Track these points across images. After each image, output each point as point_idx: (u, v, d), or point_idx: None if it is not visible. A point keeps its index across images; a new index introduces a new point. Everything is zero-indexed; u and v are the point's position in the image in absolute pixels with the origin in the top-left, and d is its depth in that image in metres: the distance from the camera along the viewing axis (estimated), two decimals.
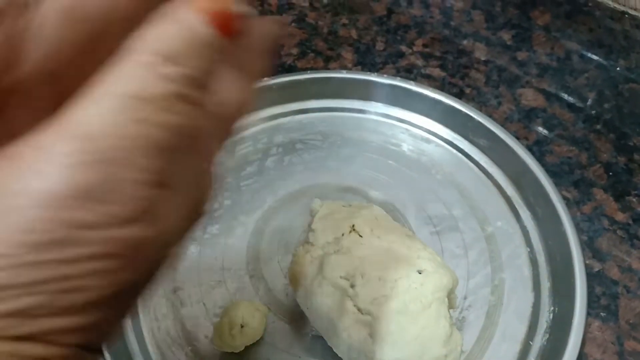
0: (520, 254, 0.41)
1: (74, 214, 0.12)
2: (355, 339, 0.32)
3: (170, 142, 0.13)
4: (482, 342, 0.36)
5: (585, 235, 0.42)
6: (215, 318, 0.37)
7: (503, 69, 0.54)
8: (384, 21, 0.59)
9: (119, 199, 0.13)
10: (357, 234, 0.35)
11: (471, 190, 0.44)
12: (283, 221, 0.43)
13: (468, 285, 0.39)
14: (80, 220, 0.12)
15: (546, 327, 0.37)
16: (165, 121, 0.13)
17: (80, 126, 0.13)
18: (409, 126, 0.49)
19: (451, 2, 0.61)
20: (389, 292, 0.32)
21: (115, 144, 0.13)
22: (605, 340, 0.37)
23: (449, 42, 0.57)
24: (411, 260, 0.33)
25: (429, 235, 0.41)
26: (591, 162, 0.47)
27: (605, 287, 0.39)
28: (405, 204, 0.43)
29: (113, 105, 0.13)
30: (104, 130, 0.13)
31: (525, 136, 0.48)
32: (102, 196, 0.12)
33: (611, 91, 0.52)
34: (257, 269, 0.40)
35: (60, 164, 0.12)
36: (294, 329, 0.37)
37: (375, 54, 0.56)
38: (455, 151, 0.47)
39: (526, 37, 0.57)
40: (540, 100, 0.51)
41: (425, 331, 0.31)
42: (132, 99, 0.13)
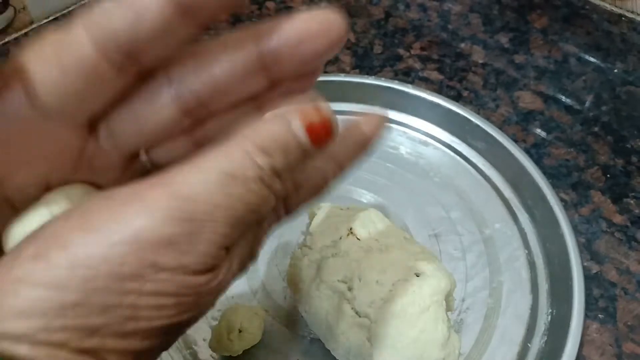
0: (519, 256, 0.41)
1: (156, 256, 0.15)
2: (353, 343, 0.32)
3: (246, 215, 0.16)
4: (480, 345, 0.36)
5: (583, 238, 0.42)
6: (213, 321, 0.37)
7: (501, 72, 0.54)
8: (381, 24, 0.59)
9: (194, 252, 0.15)
10: (355, 237, 0.35)
11: (469, 193, 0.45)
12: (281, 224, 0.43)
13: (466, 288, 0.39)
14: (160, 262, 0.15)
15: (544, 329, 0.37)
16: (246, 199, 0.16)
17: (181, 188, 0.15)
18: (406, 129, 0.49)
19: (449, 5, 0.61)
20: (387, 296, 0.32)
21: (204, 209, 0.15)
22: (604, 343, 0.37)
23: (446, 45, 0.57)
24: (409, 263, 0.33)
25: (427, 238, 0.42)
26: (589, 165, 0.47)
27: (604, 290, 0.39)
28: (403, 207, 0.43)
29: (211, 178, 0.16)
30: (198, 195, 0.15)
31: (523, 139, 0.48)
32: (182, 248, 0.15)
33: (609, 94, 0.52)
34: (255, 273, 0.40)
35: (157, 215, 0.15)
36: (292, 332, 0.37)
37: (373, 57, 0.56)
38: (453, 154, 0.47)
39: (524, 40, 0.57)
40: (538, 103, 0.51)
41: (423, 334, 0.31)
42: (226, 176, 0.16)
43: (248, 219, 0.16)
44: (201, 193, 0.15)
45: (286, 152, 0.16)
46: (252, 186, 0.16)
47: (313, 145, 0.17)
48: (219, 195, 0.15)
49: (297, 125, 0.17)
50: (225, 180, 0.15)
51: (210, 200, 0.15)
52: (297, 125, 0.17)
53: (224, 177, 0.16)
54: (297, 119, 0.17)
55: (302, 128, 0.17)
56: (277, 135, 0.16)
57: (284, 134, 0.16)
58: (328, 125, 0.17)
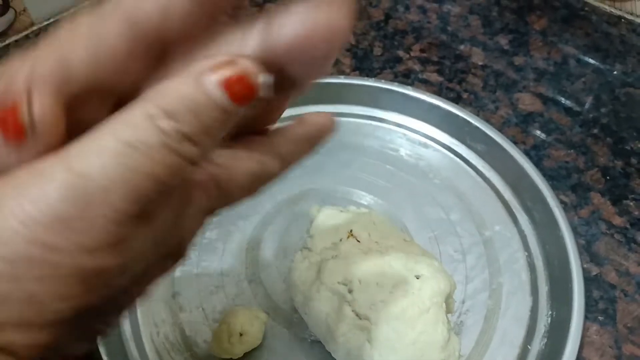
0: (518, 258, 0.41)
1: (48, 237, 0.14)
2: (353, 344, 0.32)
3: (150, 188, 0.15)
4: (480, 347, 0.36)
5: (583, 240, 0.42)
6: (214, 323, 0.37)
7: (500, 74, 0.54)
8: (381, 26, 0.59)
9: (90, 231, 0.14)
10: (355, 240, 0.35)
11: (469, 195, 0.45)
12: (281, 226, 0.43)
13: (466, 290, 0.39)
14: (52, 243, 0.14)
15: (544, 331, 0.37)
16: (148, 170, 0.14)
17: (75, 161, 0.14)
18: (406, 131, 0.49)
19: (448, 7, 0.61)
20: (387, 298, 0.32)
21: (99, 184, 0.14)
22: (603, 344, 0.37)
23: (446, 47, 0.57)
24: (409, 265, 0.33)
25: (427, 240, 0.42)
26: (588, 166, 0.47)
27: (603, 291, 0.39)
28: (403, 209, 0.44)
29: (108, 148, 0.14)
30: (92, 169, 0.14)
31: (523, 140, 0.48)
32: (76, 227, 0.14)
33: (608, 95, 0.52)
34: (255, 275, 0.40)
35: (50, 193, 0.14)
36: (293, 334, 0.37)
37: (373, 59, 0.56)
38: (453, 156, 0.47)
39: (523, 42, 0.58)
40: (538, 105, 0.52)
41: (423, 336, 0.31)
42: (124, 145, 0.14)
43: (154, 191, 0.15)
44: (95, 166, 0.14)
45: (198, 113, 0.15)
46: (155, 155, 0.14)
47: (233, 102, 0.15)
48: (116, 168, 0.14)
49: (208, 81, 0.15)
50: (123, 150, 0.14)
51: (105, 174, 0.14)
52: (209, 82, 0.15)
53: (121, 147, 0.14)
54: (208, 74, 0.15)
55: (215, 84, 0.15)
56: (184, 95, 0.15)
57: (192, 92, 0.15)
58: (246, 79, 0.15)
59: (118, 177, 0.14)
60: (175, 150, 0.15)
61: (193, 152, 0.15)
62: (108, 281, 0.15)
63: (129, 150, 0.14)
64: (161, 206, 0.16)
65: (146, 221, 0.16)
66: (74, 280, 0.14)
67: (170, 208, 0.17)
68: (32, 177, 0.14)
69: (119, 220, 0.14)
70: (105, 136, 0.14)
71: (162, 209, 0.16)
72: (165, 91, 0.15)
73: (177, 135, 0.14)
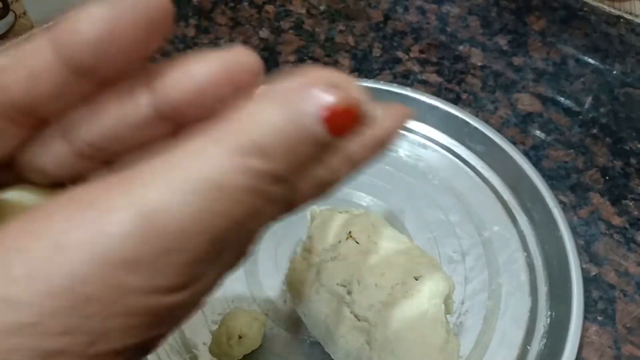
0: (517, 258, 0.41)
1: (122, 277, 0.13)
2: (352, 346, 0.32)
3: (230, 229, 0.13)
4: (480, 348, 0.37)
5: (582, 240, 0.42)
6: (213, 325, 0.37)
7: (499, 74, 0.54)
8: (380, 27, 0.59)
9: (165, 272, 0.13)
10: (354, 241, 0.35)
11: (468, 196, 0.45)
12: (281, 227, 0.43)
13: (465, 291, 0.39)
14: (125, 283, 0.13)
15: (543, 331, 0.37)
16: (231, 212, 0.13)
17: (149, 199, 0.13)
18: (405, 132, 0.49)
19: (447, 8, 0.61)
20: (386, 299, 0.32)
21: (176, 226, 0.13)
22: (603, 345, 0.37)
23: (445, 48, 0.57)
24: (408, 266, 0.33)
25: (426, 241, 0.42)
26: (587, 167, 0.47)
27: (602, 292, 0.39)
28: (402, 210, 0.44)
29: (185, 187, 0.12)
30: (170, 210, 0.12)
31: (522, 141, 0.48)
32: (150, 267, 0.13)
33: (607, 95, 0.52)
34: (254, 276, 0.40)
35: (117, 230, 0.12)
36: (292, 335, 0.37)
37: (372, 60, 0.56)
38: (452, 156, 0.47)
39: (522, 43, 0.58)
40: (537, 105, 0.52)
41: (422, 337, 0.31)
42: (206, 184, 0.12)
43: (233, 233, 0.13)
44: (173, 207, 0.12)
45: (293, 151, 0.13)
46: (242, 198, 0.13)
47: (333, 136, 0.13)
48: (197, 209, 0.12)
49: (308, 111, 0.12)
50: (202, 189, 0.12)
51: (182, 216, 0.12)
52: (308, 112, 0.12)
53: (201, 186, 0.12)
54: (310, 103, 0.12)
55: (317, 116, 0.12)
56: (279, 128, 0.12)
57: (288, 126, 0.12)
58: (355, 109, 0.13)
59: (196, 217, 0.12)
60: (265, 193, 0.13)
61: (282, 192, 0.13)
62: (175, 315, 0.15)
63: (209, 190, 0.12)
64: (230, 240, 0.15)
65: (219, 255, 0.14)
66: (143, 320, 0.14)
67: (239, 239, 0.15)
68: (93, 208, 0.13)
69: (196, 260, 0.13)
70: (182, 172, 0.13)
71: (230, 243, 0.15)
72: (254, 121, 0.13)
73: (270, 178, 0.13)
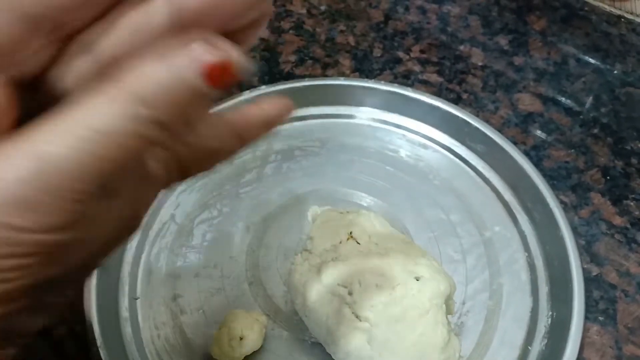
0: (518, 258, 0.41)
1: (8, 218, 0.14)
2: (353, 346, 0.32)
3: (111, 169, 0.15)
4: (481, 348, 0.37)
5: (583, 240, 0.42)
6: (215, 325, 0.37)
7: (500, 74, 0.54)
8: (381, 27, 0.59)
9: (49, 210, 0.14)
10: (355, 241, 0.35)
11: (469, 196, 0.45)
12: (282, 228, 0.43)
13: (466, 291, 0.39)
14: (12, 224, 0.14)
15: (544, 331, 0.37)
16: (115, 156, 0.14)
17: (39, 146, 0.14)
18: (406, 132, 0.49)
19: (448, 8, 0.61)
20: (387, 299, 0.32)
21: (61, 168, 0.14)
22: (604, 345, 0.37)
23: (446, 48, 0.57)
24: (409, 266, 0.33)
25: (427, 241, 0.42)
26: (588, 167, 0.47)
27: (604, 292, 0.39)
28: (403, 210, 0.44)
29: (74, 133, 0.14)
30: (55, 154, 0.14)
31: (523, 141, 0.48)
32: (35, 207, 0.14)
33: (608, 95, 0.52)
34: (256, 277, 0.40)
35: (10, 176, 0.14)
36: (293, 336, 0.37)
37: (373, 60, 0.56)
38: (453, 156, 0.47)
39: (523, 42, 0.57)
40: (537, 105, 0.52)
41: (423, 338, 0.31)
42: (93, 132, 0.14)
43: (115, 171, 0.15)
44: (58, 151, 0.14)
45: (175, 101, 0.14)
46: (123, 141, 0.14)
47: (212, 87, 0.15)
48: (82, 153, 0.14)
49: (187, 67, 0.14)
50: (89, 136, 0.14)
51: (69, 159, 0.14)
52: (187, 68, 0.14)
53: (87, 133, 0.14)
54: (185, 59, 0.14)
55: (195, 71, 0.14)
56: (161, 81, 0.14)
57: (170, 80, 0.14)
58: (228, 66, 0.14)
59: (82, 161, 0.14)
60: (145, 136, 0.14)
61: (162, 136, 0.15)
62: (67, 255, 0.16)
63: (95, 136, 0.14)
64: (119, 182, 0.17)
65: (104, 198, 0.16)
66: (34, 255, 0.15)
67: (128, 183, 0.17)
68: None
69: (77, 200, 0.15)
70: (69, 119, 0.14)
71: (120, 185, 0.17)
72: (139, 75, 0.14)
73: (152, 124, 0.14)
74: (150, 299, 0.39)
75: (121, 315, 0.38)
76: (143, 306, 0.38)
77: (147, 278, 0.40)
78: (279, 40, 0.58)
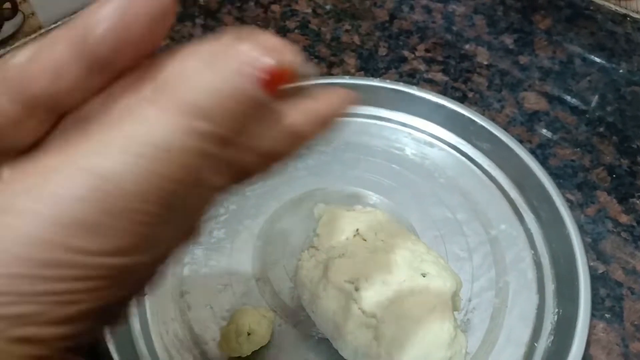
0: (525, 257, 0.41)
1: (74, 241, 0.13)
2: (360, 342, 0.32)
3: (176, 192, 0.14)
4: (487, 345, 0.37)
5: (589, 238, 0.42)
6: (222, 321, 0.37)
7: (505, 73, 0.55)
8: (386, 27, 0.60)
9: (115, 234, 0.14)
10: (362, 238, 0.35)
11: (475, 194, 0.45)
12: (288, 225, 0.43)
13: (472, 289, 0.39)
14: (78, 246, 0.13)
15: (551, 329, 0.37)
16: (177, 175, 0.13)
17: (93, 161, 0.13)
18: (412, 130, 0.49)
19: (453, 7, 0.61)
20: (394, 295, 0.32)
21: (124, 189, 0.13)
22: (610, 342, 0.37)
23: (451, 47, 0.57)
24: (415, 263, 0.33)
25: (433, 239, 0.42)
26: (594, 165, 0.47)
27: (610, 289, 0.39)
28: (408, 208, 0.44)
29: (129, 149, 0.13)
30: (116, 173, 0.13)
31: (528, 139, 0.49)
32: (100, 230, 0.13)
33: (614, 94, 0.52)
34: (263, 273, 0.40)
35: (69, 194, 0.13)
36: (300, 332, 0.37)
37: (378, 59, 0.56)
38: (459, 155, 0.47)
39: (528, 41, 0.58)
40: (543, 104, 0.52)
41: (429, 334, 0.31)
42: (151, 147, 0.13)
43: (181, 197, 0.14)
44: (119, 170, 0.13)
45: (233, 112, 0.13)
46: (187, 160, 0.13)
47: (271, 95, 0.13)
48: (144, 172, 0.13)
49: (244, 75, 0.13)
50: (148, 153, 0.13)
51: (131, 179, 0.13)
52: (244, 76, 0.13)
53: (148, 150, 0.13)
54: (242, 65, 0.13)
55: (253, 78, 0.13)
56: (217, 92, 0.13)
57: (228, 91, 0.13)
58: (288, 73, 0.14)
59: (142, 181, 0.13)
60: (210, 155, 0.14)
61: (226, 155, 0.14)
62: (133, 274, 0.15)
63: (156, 153, 0.13)
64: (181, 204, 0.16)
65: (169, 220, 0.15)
66: (99, 279, 0.14)
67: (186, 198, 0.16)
68: (43, 175, 0.13)
69: (144, 223, 0.14)
70: (117, 133, 0.13)
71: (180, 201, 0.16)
72: (189, 81, 0.13)
73: (214, 139, 0.13)
74: (158, 295, 0.39)
75: (130, 311, 0.38)
76: (151, 302, 0.39)
77: None
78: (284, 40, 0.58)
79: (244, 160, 0.17)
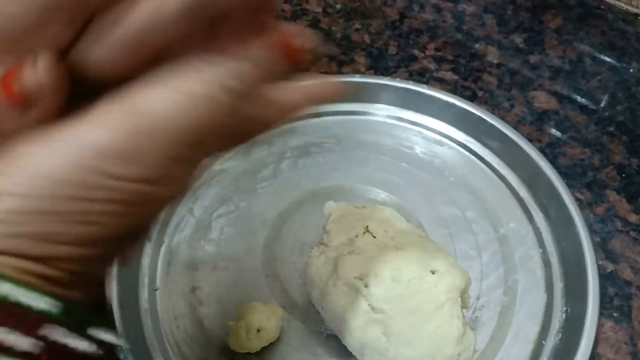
0: (533, 255, 0.41)
1: (106, 165, 0.15)
2: (369, 338, 0.32)
3: (200, 134, 0.16)
4: (495, 342, 0.37)
5: (598, 237, 0.42)
6: (232, 317, 0.38)
7: (515, 72, 0.55)
8: (396, 26, 0.60)
9: (144, 163, 0.16)
10: (371, 235, 0.36)
11: (484, 192, 0.45)
12: (298, 222, 0.43)
13: (481, 286, 0.39)
14: (109, 171, 0.15)
15: (559, 327, 0.37)
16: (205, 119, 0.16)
17: (139, 103, 0.16)
18: (421, 129, 0.49)
19: (463, 6, 0.61)
20: (403, 292, 0.32)
21: (158, 125, 0.16)
22: (618, 341, 0.37)
23: (461, 46, 0.57)
24: (424, 260, 0.33)
25: (442, 237, 0.42)
26: (604, 164, 0.47)
27: (618, 288, 0.39)
28: (418, 206, 0.44)
29: (171, 95, 0.16)
30: (155, 111, 0.15)
31: (538, 138, 0.49)
32: (132, 158, 0.15)
33: (624, 93, 0.52)
34: (272, 270, 0.41)
35: (110, 127, 0.15)
36: (309, 328, 0.38)
37: (388, 58, 0.56)
38: (468, 153, 0.47)
39: (538, 40, 0.58)
40: (553, 103, 0.52)
41: (438, 330, 0.32)
42: (188, 94, 0.16)
43: (205, 134, 0.17)
44: (159, 108, 0.16)
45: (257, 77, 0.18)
46: (214, 108, 0.16)
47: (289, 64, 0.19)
48: (178, 112, 0.16)
49: (268, 55, 0.18)
50: (185, 99, 0.16)
51: (167, 116, 0.16)
52: (268, 55, 0.18)
53: (183, 97, 0.16)
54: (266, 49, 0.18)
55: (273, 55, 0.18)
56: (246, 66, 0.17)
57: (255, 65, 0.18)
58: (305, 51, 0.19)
59: (178, 118, 0.16)
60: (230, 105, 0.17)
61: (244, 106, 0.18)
62: (148, 205, 0.17)
63: (190, 99, 0.16)
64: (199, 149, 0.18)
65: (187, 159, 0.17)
66: (122, 204, 0.16)
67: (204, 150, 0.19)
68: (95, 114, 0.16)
69: (169, 156, 0.16)
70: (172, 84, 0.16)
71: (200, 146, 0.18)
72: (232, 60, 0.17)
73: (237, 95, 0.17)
74: (170, 290, 0.40)
75: (141, 306, 0.39)
76: (162, 297, 0.39)
77: (166, 270, 0.41)
78: None
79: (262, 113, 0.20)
